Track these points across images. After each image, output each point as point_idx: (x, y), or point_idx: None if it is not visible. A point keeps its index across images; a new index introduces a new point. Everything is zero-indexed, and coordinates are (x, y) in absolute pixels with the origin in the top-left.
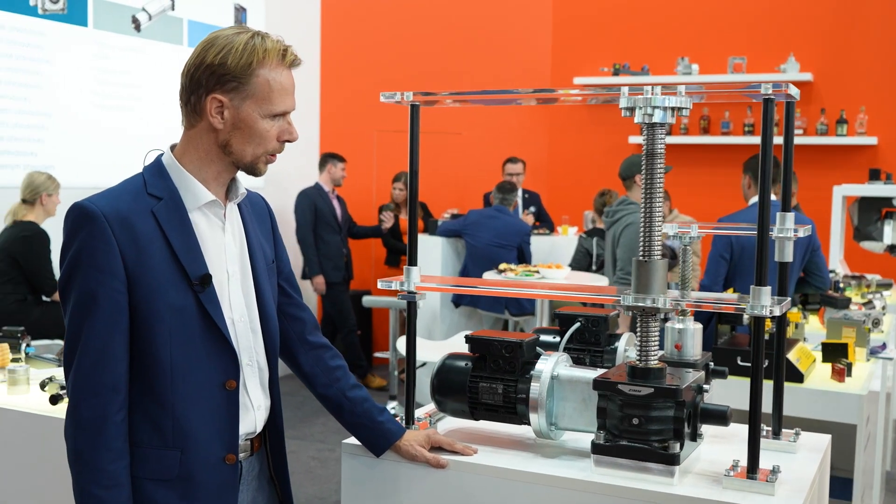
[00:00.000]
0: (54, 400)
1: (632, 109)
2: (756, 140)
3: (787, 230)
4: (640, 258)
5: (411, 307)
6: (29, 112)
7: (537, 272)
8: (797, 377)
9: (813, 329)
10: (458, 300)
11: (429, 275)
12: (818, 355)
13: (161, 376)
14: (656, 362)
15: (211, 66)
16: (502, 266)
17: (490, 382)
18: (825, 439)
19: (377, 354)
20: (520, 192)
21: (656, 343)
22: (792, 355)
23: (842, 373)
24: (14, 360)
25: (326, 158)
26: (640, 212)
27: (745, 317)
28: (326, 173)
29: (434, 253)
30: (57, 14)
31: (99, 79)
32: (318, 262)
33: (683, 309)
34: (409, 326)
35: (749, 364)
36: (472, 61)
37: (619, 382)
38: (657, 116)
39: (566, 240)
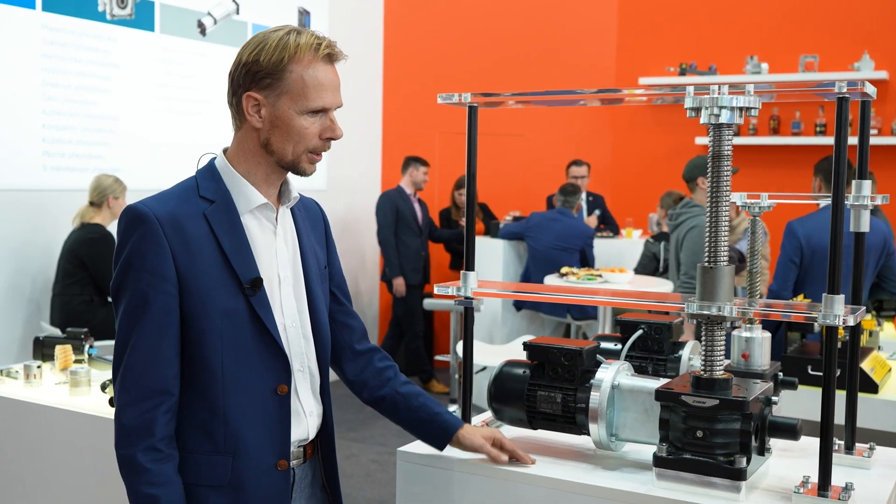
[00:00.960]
0: (113, 402)
1: (697, 110)
2: (828, 140)
3: (863, 198)
4: (706, 264)
5: (468, 313)
6: (97, 116)
7: (600, 276)
8: (871, 387)
9: (888, 336)
10: (520, 304)
11: (488, 280)
12: (894, 364)
13: (212, 381)
14: (722, 373)
15: (246, 65)
16: (564, 270)
17: (548, 391)
18: None
19: (438, 357)
20: (584, 196)
21: (722, 352)
22: (866, 364)
23: None
24: (77, 362)
25: (409, 162)
26: (703, 215)
27: (816, 325)
28: (408, 176)
29: (495, 256)
30: (124, 19)
31: (165, 82)
32: (399, 264)
33: (751, 317)
34: (465, 333)
35: (820, 373)
36: (536, 62)
37: (683, 393)
38: (724, 117)
39: (630, 242)
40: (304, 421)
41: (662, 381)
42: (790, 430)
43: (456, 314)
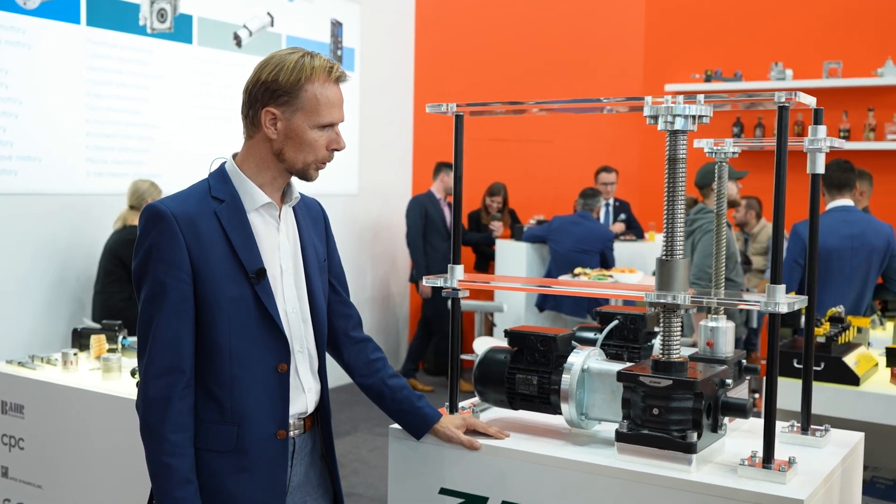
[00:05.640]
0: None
1: (655, 118)
2: (872, 146)
3: (818, 141)
4: (663, 257)
5: (455, 304)
6: (138, 125)
7: (611, 276)
8: (853, 380)
9: (889, 335)
10: (542, 304)
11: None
12: (884, 360)
13: (221, 359)
14: (678, 356)
15: (265, 83)
16: (577, 270)
17: (526, 374)
18: (856, 436)
19: (464, 357)
20: (611, 201)
21: (679, 338)
22: (850, 358)
23: None
24: (110, 351)
25: (440, 167)
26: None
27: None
28: (440, 181)
29: (519, 258)
30: (164, 32)
31: (202, 93)
32: (426, 267)
33: (706, 306)
34: (452, 322)
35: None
36: (565, 70)
37: (641, 374)
38: (678, 124)
39: (653, 245)
40: (304, 396)
41: (627, 365)
42: (741, 410)
43: (480, 314)
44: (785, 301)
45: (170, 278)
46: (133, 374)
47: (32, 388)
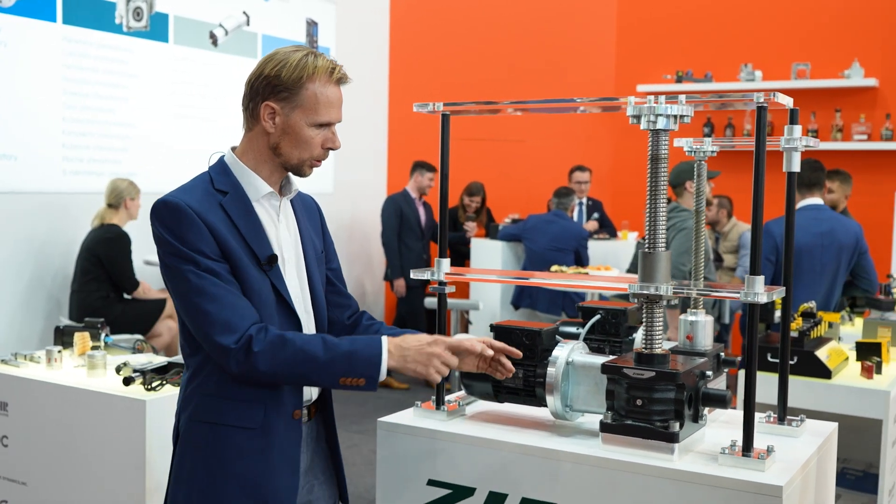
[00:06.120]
0: (127, 381)
1: (638, 117)
2: (839, 146)
3: (793, 140)
4: (646, 250)
5: (441, 299)
6: (115, 123)
7: (587, 274)
8: (825, 373)
9: (858, 331)
10: (518, 302)
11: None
12: (853, 355)
13: None
14: (661, 349)
15: (267, 77)
16: (554, 268)
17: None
18: (830, 426)
19: None
20: (584, 200)
21: (661, 330)
22: (822, 352)
23: (870, 370)
24: (93, 348)
25: (416, 167)
26: (691, 219)
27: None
28: (414, 181)
29: (495, 257)
30: (140, 31)
31: (178, 91)
32: (401, 266)
33: (686, 297)
34: (439, 316)
35: (778, 360)
36: (539, 71)
37: (625, 366)
38: (660, 123)
39: (626, 244)
40: None
41: (611, 358)
42: (720, 400)
43: (456, 312)
44: (764, 291)
45: (207, 261)
46: (118, 370)
47: (16, 386)
